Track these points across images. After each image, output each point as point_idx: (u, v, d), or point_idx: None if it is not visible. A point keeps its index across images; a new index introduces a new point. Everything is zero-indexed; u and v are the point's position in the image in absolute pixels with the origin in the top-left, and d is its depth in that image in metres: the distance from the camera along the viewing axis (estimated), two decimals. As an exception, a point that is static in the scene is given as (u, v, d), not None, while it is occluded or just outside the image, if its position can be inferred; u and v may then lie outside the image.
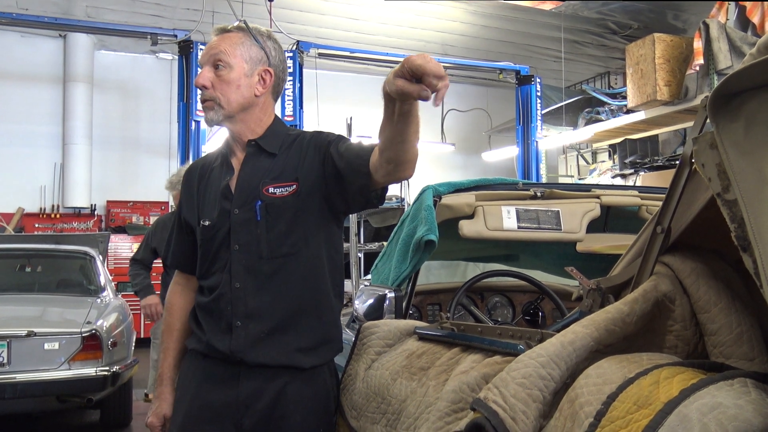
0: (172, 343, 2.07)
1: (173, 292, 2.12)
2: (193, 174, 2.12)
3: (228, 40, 1.96)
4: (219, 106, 1.93)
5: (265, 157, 1.97)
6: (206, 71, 1.94)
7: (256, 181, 1.94)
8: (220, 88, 1.93)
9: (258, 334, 1.88)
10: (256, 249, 1.90)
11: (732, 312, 1.20)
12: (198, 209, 2.02)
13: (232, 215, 1.92)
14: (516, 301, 3.01)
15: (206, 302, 1.96)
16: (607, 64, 11.27)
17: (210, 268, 1.97)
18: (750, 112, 0.95)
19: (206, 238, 1.96)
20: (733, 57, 6.84)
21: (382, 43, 10.21)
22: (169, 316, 2.10)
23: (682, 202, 1.22)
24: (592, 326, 1.24)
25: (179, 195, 2.14)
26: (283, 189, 1.92)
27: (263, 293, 1.90)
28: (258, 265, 1.90)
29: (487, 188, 2.46)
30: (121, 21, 9.21)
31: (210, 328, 1.93)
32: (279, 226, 1.90)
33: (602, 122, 9.26)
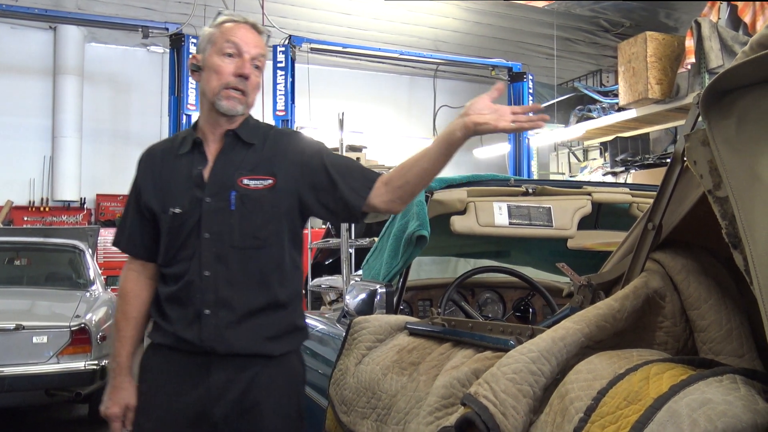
0: (129, 331, 2.02)
1: (128, 279, 2.06)
2: (152, 158, 2.07)
3: (263, 44, 1.99)
4: (246, 102, 1.96)
5: (241, 147, 1.98)
6: (249, 63, 1.95)
7: (231, 171, 1.94)
8: (253, 86, 1.96)
9: (228, 322, 1.88)
10: (228, 238, 1.90)
11: (722, 309, 1.20)
12: (162, 196, 1.98)
13: (204, 204, 1.91)
14: (507, 298, 3.01)
15: (172, 291, 1.94)
16: (599, 61, 11.30)
17: (176, 255, 1.94)
18: (742, 109, 0.96)
19: (174, 225, 1.94)
20: (724, 56, 6.86)
21: (374, 38, 10.20)
22: (125, 304, 2.04)
23: (673, 199, 1.22)
24: (583, 322, 1.24)
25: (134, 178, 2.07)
26: (259, 182, 1.93)
27: (233, 282, 1.90)
28: (229, 254, 1.90)
29: (478, 184, 2.46)
30: (112, 13, 9.15)
31: (177, 318, 1.92)
32: (252, 217, 1.92)
33: (594, 120, 9.29)
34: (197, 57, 2.00)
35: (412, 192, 1.94)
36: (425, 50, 10.24)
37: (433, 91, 12.41)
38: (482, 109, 1.77)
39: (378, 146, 10.53)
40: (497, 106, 1.77)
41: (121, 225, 2.12)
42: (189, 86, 7.74)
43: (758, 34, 0.93)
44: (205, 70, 1.96)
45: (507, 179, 2.53)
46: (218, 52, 1.93)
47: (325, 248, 7.77)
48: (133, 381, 2.00)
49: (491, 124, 1.76)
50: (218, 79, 1.92)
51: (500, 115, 1.76)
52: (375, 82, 12.65)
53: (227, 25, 1.97)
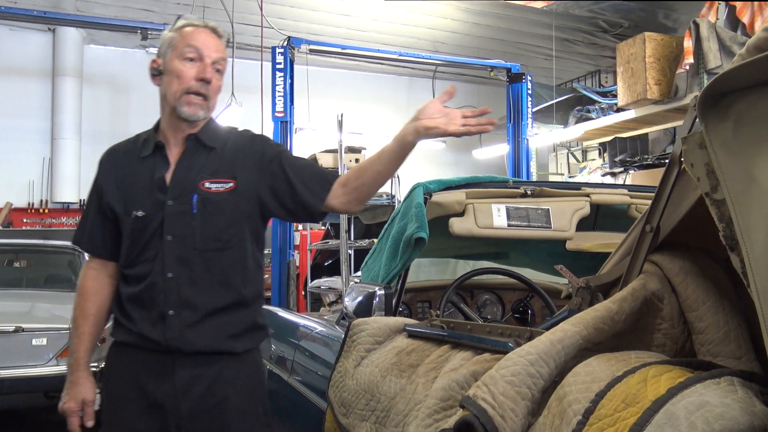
0: (88, 328, 2.05)
1: (87, 277, 2.09)
2: (114, 159, 2.11)
3: (222, 48, 2.02)
4: (208, 107, 1.99)
5: (202, 151, 2.01)
6: (211, 67, 1.97)
7: (193, 175, 1.98)
8: (214, 90, 1.99)
9: (191, 322, 1.93)
10: (190, 240, 1.94)
11: (719, 311, 1.21)
12: (125, 198, 2.01)
13: (166, 207, 1.95)
14: (506, 299, 3.01)
15: (136, 292, 1.98)
16: (597, 62, 11.31)
17: (138, 257, 1.98)
18: (739, 112, 0.96)
19: (137, 228, 1.97)
20: (722, 56, 6.87)
21: (373, 39, 10.21)
22: (84, 302, 2.07)
23: (671, 201, 1.22)
24: (581, 324, 1.24)
25: (95, 178, 2.13)
26: (220, 185, 1.97)
27: (196, 283, 1.94)
28: (191, 256, 1.94)
29: (477, 186, 2.46)
30: (111, 15, 9.16)
31: (141, 319, 1.96)
32: (214, 219, 1.96)
33: (592, 120, 9.29)
34: (158, 61, 2.01)
35: (368, 193, 2.01)
36: (424, 51, 10.24)
37: (432, 91, 12.41)
38: (433, 113, 1.85)
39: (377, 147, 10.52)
40: (448, 110, 1.85)
41: (81, 223, 2.14)
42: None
43: (755, 37, 0.93)
44: (166, 75, 1.98)
45: (505, 181, 2.53)
46: (179, 56, 1.95)
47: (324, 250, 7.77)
48: (91, 377, 2.06)
49: (441, 128, 1.83)
50: (179, 84, 1.94)
51: (450, 119, 1.83)
52: (374, 83, 12.66)
53: (188, 29, 1.99)
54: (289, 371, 2.89)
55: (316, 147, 7.69)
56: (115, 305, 2.05)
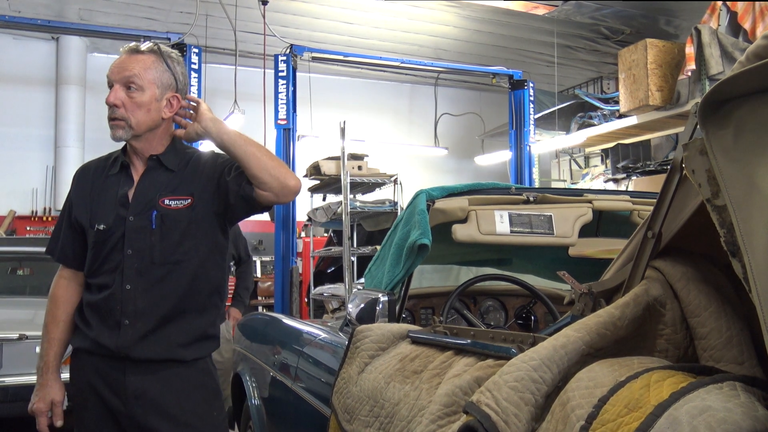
0: (58, 333, 2.16)
1: (58, 286, 2.20)
2: (86, 175, 2.23)
3: (141, 62, 2.07)
4: (129, 126, 2.06)
5: (163, 171, 2.13)
6: (118, 90, 2.05)
7: (153, 193, 2.09)
8: (131, 109, 2.06)
9: (143, 331, 2.04)
10: (149, 255, 2.06)
11: (722, 316, 1.21)
12: (91, 212, 2.13)
13: (128, 222, 2.07)
14: (508, 305, 3.02)
15: (95, 300, 2.09)
16: (599, 69, 11.32)
17: (100, 268, 2.10)
18: (739, 119, 0.97)
19: (99, 240, 2.09)
20: (724, 62, 6.88)
21: (375, 47, 10.23)
22: (55, 308, 2.18)
23: (672, 207, 1.23)
24: (584, 330, 1.25)
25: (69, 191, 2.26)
26: (179, 202, 2.09)
27: (151, 294, 2.06)
28: (149, 269, 2.06)
29: (480, 192, 2.47)
30: (114, 24, 9.19)
31: (97, 326, 2.08)
32: (172, 235, 2.07)
33: (595, 127, 9.29)
34: None
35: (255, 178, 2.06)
36: (426, 58, 10.26)
37: (434, 99, 12.43)
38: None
39: (379, 154, 10.55)
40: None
41: (54, 235, 2.27)
42: (191, 96, 7.74)
43: (754, 45, 0.94)
44: None
45: (508, 187, 2.54)
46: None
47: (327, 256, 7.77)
48: (59, 379, 2.16)
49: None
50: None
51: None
52: (376, 90, 12.68)
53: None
54: (293, 378, 2.89)
55: (319, 154, 7.69)
56: (77, 312, 2.17)
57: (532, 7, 8.50)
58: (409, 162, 11.67)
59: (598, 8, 8.65)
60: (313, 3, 8.99)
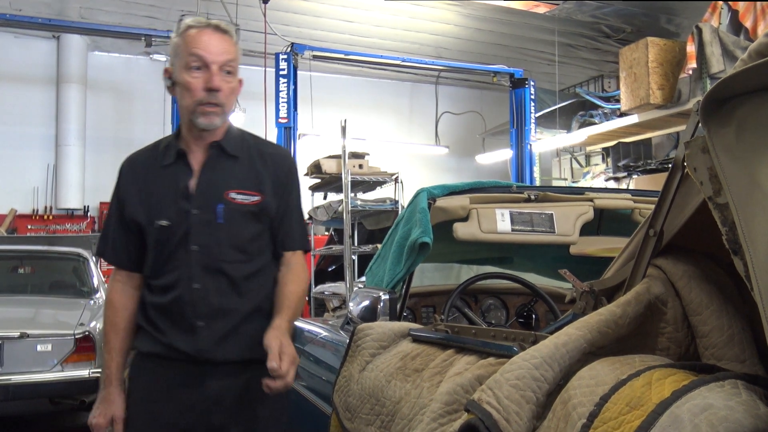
0: (119, 342, 2.01)
1: (115, 290, 2.05)
2: (134, 168, 2.05)
3: (232, 44, 1.95)
4: (224, 113, 1.94)
5: (225, 159, 1.99)
6: (219, 73, 1.90)
7: (218, 184, 1.96)
8: (227, 94, 1.93)
9: (222, 332, 1.92)
10: (216, 251, 1.93)
11: (723, 314, 1.21)
12: (148, 208, 1.97)
13: (191, 216, 1.92)
14: (510, 304, 3.02)
15: (163, 303, 1.95)
16: (600, 67, 11.31)
17: (163, 267, 1.95)
18: (741, 116, 0.97)
19: (161, 238, 1.94)
20: (725, 61, 6.87)
21: (376, 45, 10.22)
22: (114, 315, 2.03)
23: (674, 206, 1.23)
24: (585, 328, 1.25)
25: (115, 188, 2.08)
26: (246, 197, 1.96)
27: (223, 294, 1.94)
28: (217, 267, 1.93)
29: (481, 191, 2.47)
30: (115, 22, 9.19)
31: (170, 329, 1.94)
32: (240, 231, 1.95)
33: (596, 125, 9.29)
34: (169, 70, 1.98)
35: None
36: (427, 57, 10.26)
37: (435, 97, 12.43)
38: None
39: (380, 153, 10.55)
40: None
41: (104, 236, 2.10)
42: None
43: (756, 43, 0.94)
44: (177, 86, 1.95)
45: (509, 186, 2.54)
46: (185, 66, 1.90)
47: (328, 255, 7.78)
48: (122, 393, 2.00)
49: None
50: (191, 97, 1.90)
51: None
52: (377, 89, 12.68)
53: (190, 32, 1.93)
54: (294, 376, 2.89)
55: (320, 153, 7.70)
56: (140, 314, 2.01)
57: (533, 6, 8.49)
58: (409, 160, 11.67)
59: (599, 7, 8.64)
60: (314, 1, 8.99)
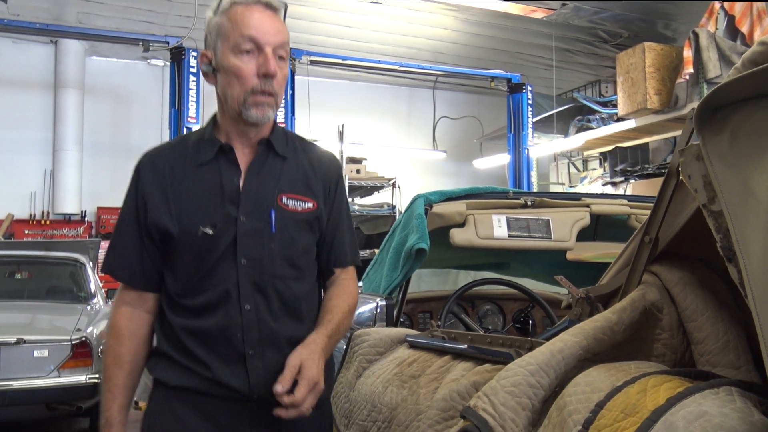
0: (123, 379, 1.66)
1: (121, 314, 1.69)
2: (160, 167, 1.71)
3: (282, 26, 1.69)
4: (276, 105, 1.68)
5: (272, 157, 1.71)
6: (274, 57, 1.64)
7: (270, 187, 1.68)
8: (280, 83, 1.67)
9: (276, 364, 1.60)
10: (269, 265, 1.64)
11: (718, 321, 1.21)
12: (180, 212, 1.65)
13: (239, 223, 1.63)
14: (506, 309, 3.02)
15: (203, 327, 1.63)
16: (597, 72, 11.33)
17: (202, 284, 1.64)
18: (735, 124, 0.97)
19: (204, 248, 1.63)
20: (722, 66, 6.89)
21: (374, 50, 10.24)
22: (119, 345, 1.67)
23: (669, 213, 1.23)
24: (581, 335, 1.25)
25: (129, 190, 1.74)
26: (300, 203, 1.70)
27: (276, 317, 1.65)
28: (268, 284, 1.64)
29: (477, 197, 2.48)
30: (112, 27, 9.19)
31: (212, 360, 1.62)
32: (293, 243, 1.68)
33: (593, 130, 9.31)
34: (208, 55, 1.69)
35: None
36: (424, 62, 10.28)
37: (432, 102, 12.45)
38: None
39: (378, 158, 10.56)
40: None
41: (112, 248, 1.75)
42: (189, 99, 7.77)
43: (749, 51, 0.94)
44: (221, 73, 1.66)
45: (506, 192, 2.55)
46: (234, 50, 1.62)
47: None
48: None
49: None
50: (241, 85, 1.62)
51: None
52: (375, 93, 12.69)
53: (237, 9, 1.64)
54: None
55: (317, 158, 7.69)
56: (163, 340, 1.68)
57: (530, 11, 8.51)
58: (407, 165, 11.68)
59: (596, 12, 8.66)
60: (311, 6, 9.00)
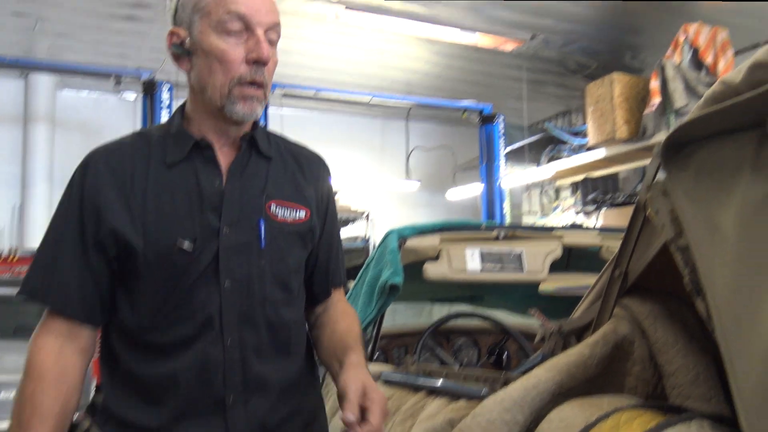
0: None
1: (45, 350, 1.28)
2: (115, 165, 1.38)
3: (275, 5, 1.40)
4: (265, 97, 1.38)
5: (256, 157, 1.42)
6: (266, 41, 1.36)
7: (256, 192, 1.38)
8: (271, 73, 1.39)
9: (262, 415, 1.32)
10: (258, 288, 1.34)
11: (689, 353, 1.22)
12: (147, 223, 1.31)
13: (222, 236, 1.31)
14: (481, 343, 3.02)
15: (170, 369, 1.29)
16: (567, 102, 11.50)
17: (174, 314, 1.30)
18: (699, 161, 0.99)
19: (179, 268, 1.29)
20: (688, 96, 7.03)
21: (347, 82, 10.30)
22: (41, 393, 1.26)
23: (638, 247, 1.25)
24: (555, 370, 1.25)
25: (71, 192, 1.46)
26: (291, 212, 1.40)
27: (263, 352, 1.34)
28: (257, 313, 1.34)
29: (451, 230, 2.49)
30: (84, 60, 9.15)
31: (182, 410, 1.28)
32: (284, 258, 1.38)
33: (564, 160, 9.43)
34: (179, 33, 1.36)
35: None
36: (398, 93, 10.36)
37: (405, 133, 12.52)
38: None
39: (353, 189, 10.58)
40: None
41: (39, 264, 1.35)
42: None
43: (711, 89, 0.97)
44: (199, 56, 1.34)
45: (479, 225, 2.57)
46: (217, 28, 1.31)
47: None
48: None
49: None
50: (225, 72, 1.31)
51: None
52: (348, 125, 12.74)
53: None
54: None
55: (291, 190, 7.68)
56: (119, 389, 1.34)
57: (501, 43, 8.64)
58: (381, 196, 11.70)
59: (565, 44, 8.82)
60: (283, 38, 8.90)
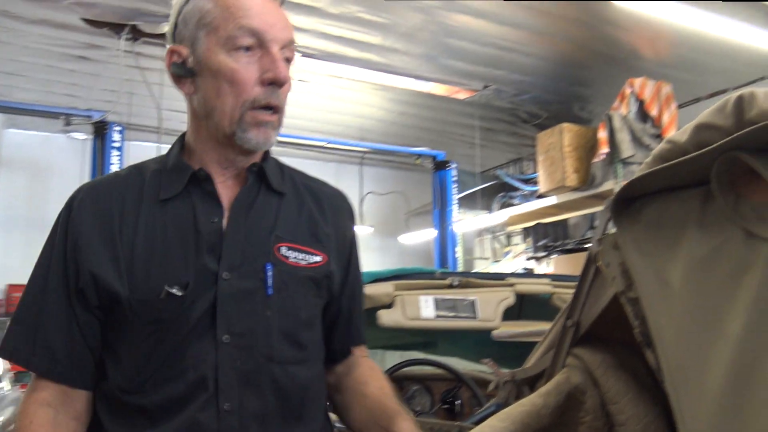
0: None
1: (38, 420, 1.13)
2: (102, 203, 1.23)
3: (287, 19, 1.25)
4: (280, 124, 1.27)
5: (265, 192, 1.29)
6: (282, 60, 1.21)
7: (264, 232, 1.23)
8: (286, 95, 1.27)
9: None
10: (263, 343, 1.18)
11: (640, 403, 1.24)
12: (133, 265, 1.15)
13: (221, 282, 1.16)
14: (435, 390, 3.00)
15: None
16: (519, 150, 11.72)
17: (161, 372, 1.14)
18: (648, 215, 1.02)
19: (169, 318, 1.14)
20: (635, 146, 7.26)
21: (300, 126, 10.34)
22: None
23: (590, 298, 1.27)
24: (508, 420, 1.25)
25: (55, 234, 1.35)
26: (303, 255, 1.25)
27: (269, 420, 1.18)
28: (261, 372, 1.17)
29: (405, 278, 2.50)
30: (33, 100, 9.00)
31: None
32: (296, 309, 1.23)
33: (516, 206, 9.59)
34: (182, 52, 1.21)
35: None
36: (352, 139, 10.44)
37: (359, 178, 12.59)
38: None
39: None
40: None
41: (20, 321, 1.22)
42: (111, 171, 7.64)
43: (658, 148, 1.00)
44: (205, 77, 1.20)
45: (433, 272, 2.58)
46: (226, 45, 1.17)
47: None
48: None
49: None
50: (236, 95, 1.18)
51: None
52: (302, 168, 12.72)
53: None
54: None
55: (244, 233, 7.61)
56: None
57: (454, 92, 8.81)
58: (334, 240, 11.67)
59: (516, 94, 9.02)
60: (239, 83, 9.08)
